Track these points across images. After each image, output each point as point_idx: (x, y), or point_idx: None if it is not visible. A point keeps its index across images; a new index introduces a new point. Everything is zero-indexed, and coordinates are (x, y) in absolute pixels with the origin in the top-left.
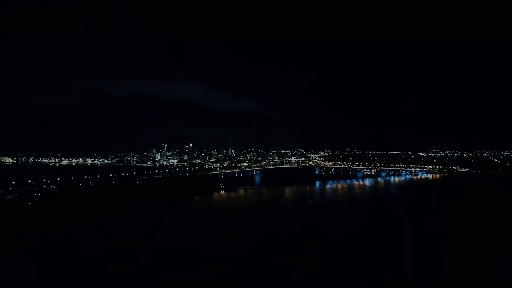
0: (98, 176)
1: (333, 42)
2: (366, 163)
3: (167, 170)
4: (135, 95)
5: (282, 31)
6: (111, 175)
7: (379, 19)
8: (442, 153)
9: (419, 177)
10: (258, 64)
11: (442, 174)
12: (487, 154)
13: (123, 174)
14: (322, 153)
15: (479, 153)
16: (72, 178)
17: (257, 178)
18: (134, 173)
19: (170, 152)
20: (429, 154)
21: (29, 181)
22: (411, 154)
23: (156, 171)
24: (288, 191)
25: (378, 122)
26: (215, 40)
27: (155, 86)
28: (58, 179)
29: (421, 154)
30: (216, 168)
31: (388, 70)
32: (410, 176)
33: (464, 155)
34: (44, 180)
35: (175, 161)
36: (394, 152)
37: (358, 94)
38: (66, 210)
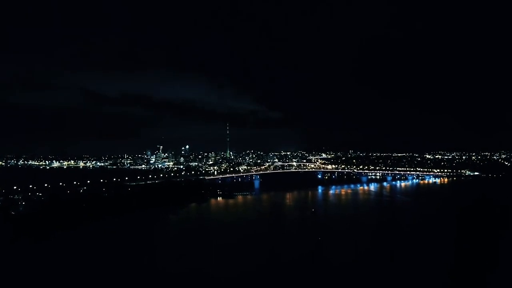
0: (88, 182)
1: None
2: (371, 166)
3: (161, 175)
4: (131, 95)
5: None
6: (102, 180)
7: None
8: (449, 155)
9: (426, 181)
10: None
11: (450, 178)
12: (496, 156)
13: (114, 179)
14: (324, 155)
15: (487, 154)
16: (61, 184)
17: (257, 183)
18: (127, 178)
19: (166, 154)
20: (436, 156)
21: (14, 187)
22: (417, 157)
23: (150, 176)
24: (289, 197)
25: (381, 122)
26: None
27: (152, 85)
28: (46, 185)
29: (427, 156)
30: (213, 171)
31: (392, 69)
32: (417, 180)
33: (473, 157)
34: (31, 186)
35: (171, 163)
36: (400, 154)
37: (361, 94)
38: (48, 222)
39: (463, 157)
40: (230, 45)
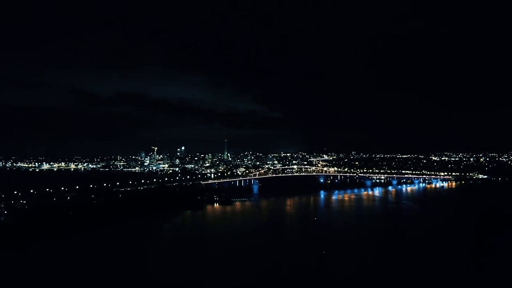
0: (77, 187)
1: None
2: (375, 169)
3: (154, 180)
4: (125, 94)
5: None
6: (91, 186)
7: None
8: (456, 157)
9: (433, 185)
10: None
11: (458, 182)
12: (504, 157)
13: (105, 184)
14: (325, 157)
15: (495, 156)
16: (48, 189)
17: (256, 188)
18: (118, 183)
19: (161, 156)
20: (442, 158)
21: None
22: (423, 158)
23: (143, 180)
24: (290, 204)
25: (383, 122)
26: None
27: (147, 84)
28: (32, 191)
29: (433, 158)
30: (210, 175)
31: (395, 67)
32: (423, 184)
33: (481, 159)
34: (15, 192)
35: (166, 165)
36: (404, 156)
37: (363, 92)
38: (32, 233)
39: (471, 158)
40: (229, 42)
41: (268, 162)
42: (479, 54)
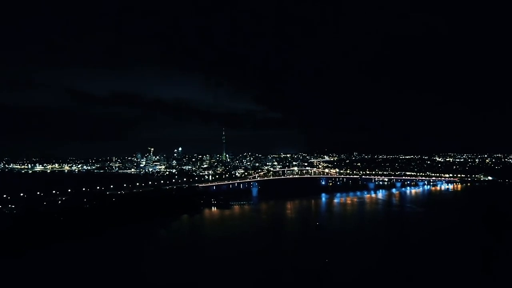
0: (69, 190)
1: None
2: (378, 171)
3: (149, 183)
4: (120, 94)
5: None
6: (84, 189)
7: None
8: (460, 157)
9: (438, 187)
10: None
11: (464, 184)
12: (510, 158)
13: (98, 187)
14: (326, 158)
15: (500, 156)
16: (38, 193)
17: (255, 191)
18: (112, 186)
19: (157, 157)
20: (447, 159)
21: None
22: (427, 159)
23: (138, 183)
24: (290, 207)
25: (384, 122)
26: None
27: (143, 84)
28: (22, 194)
29: (437, 159)
30: (208, 177)
31: (396, 65)
32: (428, 186)
33: (487, 160)
34: (5, 196)
35: (162, 167)
36: (407, 157)
37: (363, 91)
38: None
39: (476, 159)
40: (228, 42)
41: (267, 164)
42: (484, 53)
